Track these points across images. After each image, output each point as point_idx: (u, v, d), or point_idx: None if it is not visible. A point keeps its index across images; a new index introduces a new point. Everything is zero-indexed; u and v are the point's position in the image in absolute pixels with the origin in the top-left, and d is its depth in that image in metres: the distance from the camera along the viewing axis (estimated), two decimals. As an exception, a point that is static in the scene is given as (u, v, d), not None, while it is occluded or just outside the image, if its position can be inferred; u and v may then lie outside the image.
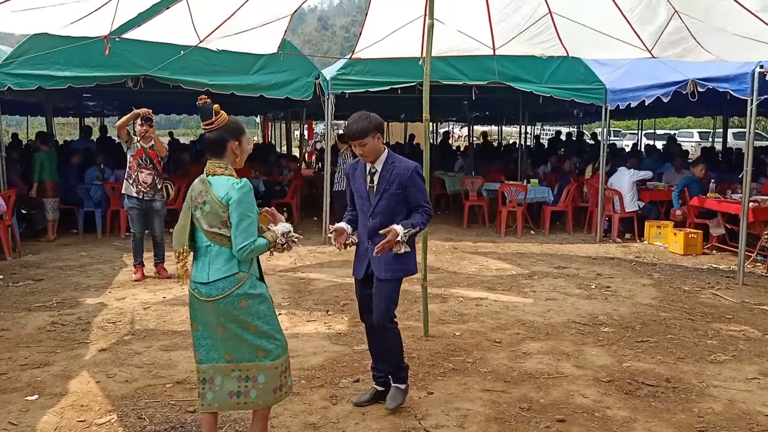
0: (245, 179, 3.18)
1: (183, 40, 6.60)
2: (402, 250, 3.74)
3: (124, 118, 7.44)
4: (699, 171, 9.98)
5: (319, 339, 5.44)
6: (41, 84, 8.60)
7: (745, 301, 6.76)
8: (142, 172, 7.31)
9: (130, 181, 7.33)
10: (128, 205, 7.41)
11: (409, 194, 3.93)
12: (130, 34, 6.20)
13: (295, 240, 3.33)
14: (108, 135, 17.95)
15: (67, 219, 10.38)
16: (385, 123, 29.43)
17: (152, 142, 7.42)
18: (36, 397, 4.23)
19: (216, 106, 3.23)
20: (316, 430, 3.81)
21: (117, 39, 6.12)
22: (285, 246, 3.27)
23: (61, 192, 9.94)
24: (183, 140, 22.17)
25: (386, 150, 3.98)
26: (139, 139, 7.37)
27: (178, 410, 4.05)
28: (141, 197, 7.31)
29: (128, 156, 7.37)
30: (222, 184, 3.14)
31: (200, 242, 3.21)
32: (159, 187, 7.44)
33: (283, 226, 3.29)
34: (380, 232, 3.74)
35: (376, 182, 3.96)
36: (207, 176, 3.20)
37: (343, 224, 4.03)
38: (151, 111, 7.43)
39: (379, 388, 4.14)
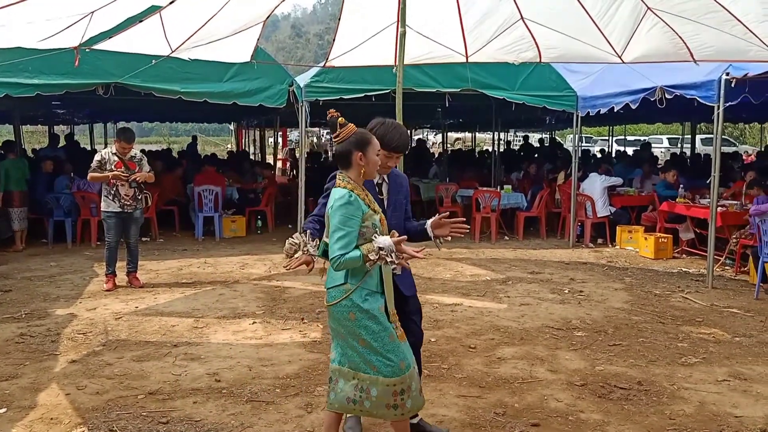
0: (346, 191, 3.12)
1: (155, 50, 6.55)
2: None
3: (99, 176, 7.21)
4: (671, 176, 10.13)
5: (294, 347, 5.41)
6: (8, 92, 8.44)
7: (715, 304, 6.88)
8: (123, 185, 7.20)
9: (111, 198, 7.21)
10: (106, 215, 7.30)
11: (407, 204, 3.88)
12: (101, 45, 6.13)
13: (388, 259, 3.09)
14: (75, 141, 17.74)
15: (37, 229, 10.21)
16: (360, 130, 29.60)
17: (130, 154, 7.31)
18: (4, 410, 4.14)
19: (341, 119, 3.21)
20: (291, 439, 3.79)
21: (87, 50, 6.05)
22: (380, 261, 3.11)
23: (28, 201, 9.78)
24: (155, 148, 21.97)
25: None
26: (115, 151, 7.25)
27: (151, 422, 3.99)
28: (124, 210, 7.22)
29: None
30: (333, 196, 3.17)
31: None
32: (140, 197, 7.36)
33: (383, 241, 3.15)
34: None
35: (385, 193, 3.77)
36: (333, 188, 3.24)
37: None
38: (127, 176, 7.24)
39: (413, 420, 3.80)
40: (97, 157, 7.31)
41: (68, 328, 5.86)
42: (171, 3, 5.44)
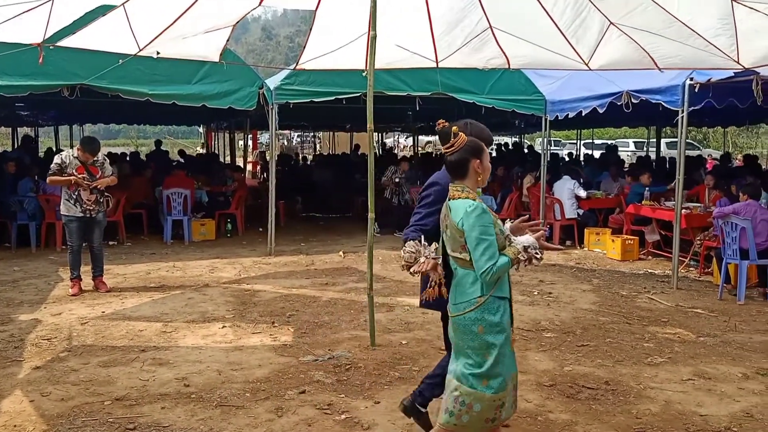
0: (477, 202, 3.05)
1: (121, 48, 6.43)
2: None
3: (59, 180, 7.07)
4: (646, 179, 10.30)
5: (265, 351, 5.37)
6: (-32, 94, 8.26)
7: (680, 305, 7.01)
8: (85, 190, 7.07)
9: (72, 202, 7.07)
10: (68, 219, 7.16)
11: None
12: (66, 42, 6.00)
13: (538, 255, 3.08)
14: (33, 143, 17.33)
15: (-1, 232, 10.00)
16: (331, 133, 29.63)
17: (94, 159, 7.18)
18: (-35, 419, 4.04)
19: (455, 128, 3.13)
20: (261, 443, 3.76)
21: (51, 47, 5.92)
22: (527, 262, 3.08)
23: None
24: (123, 150, 21.64)
25: None
26: (76, 155, 7.12)
27: (117, 428, 3.93)
28: (86, 214, 7.10)
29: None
30: (459, 208, 3.06)
31: (451, 264, 3.15)
32: (101, 200, 7.24)
33: (525, 239, 3.11)
34: None
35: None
36: (449, 200, 3.14)
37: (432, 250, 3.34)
38: (89, 183, 7.11)
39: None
40: (57, 160, 7.14)
41: (32, 334, 5.74)
42: (125, 1, 5.36)
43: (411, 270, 3.20)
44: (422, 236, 3.30)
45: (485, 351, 3.02)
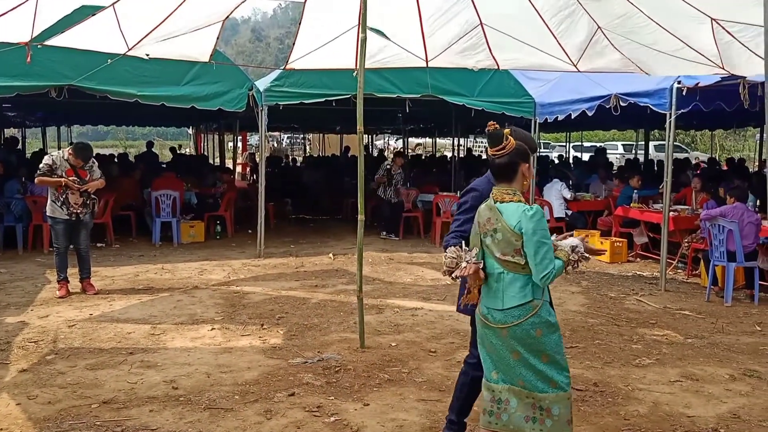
0: (536, 206, 3.05)
1: (110, 47, 6.40)
2: None
3: (48, 181, 7.02)
4: (636, 182, 10.36)
5: (254, 353, 5.35)
6: (-45, 94, 8.19)
7: (667, 307, 7.05)
8: (73, 193, 7.03)
9: (59, 204, 7.02)
10: (54, 221, 7.11)
11: None
12: (53, 41, 5.96)
13: (586, 255, 3.13)
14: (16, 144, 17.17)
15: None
16: (321, 134, 29.61)
17: (83, 164, 7.13)
18: (-50, 422, 4.00)
19: (506, 130, 3.10)
20: (250, 446, 3.75)
21: (39, 46, 5.88)
22: (575, 264, 3.10)
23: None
24: (111, 152, 21.51)
25: None
26: (66, 158, 7.08)
27: (105, 431, 3.90)
28: (71, 217, 7.05)
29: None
30: (513, 212, 3.02)
31: (491, 269, 3.09)
32: (89, 203, 7.20)
33: (570, 241, 3.13)
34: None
35: None
36: (495, 203, 3.08)
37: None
38: (79, 186, 7.07)
39: None
40: (47, 161, 7.09)
41: (19, 337, 5.69)
42: (113, 4, 5.33)
43: (453, 275, 3.17)
44: (463, 242, 3.30)
45: (544, 353, 3.03)
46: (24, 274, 8.26)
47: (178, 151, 18.54)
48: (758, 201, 8.82)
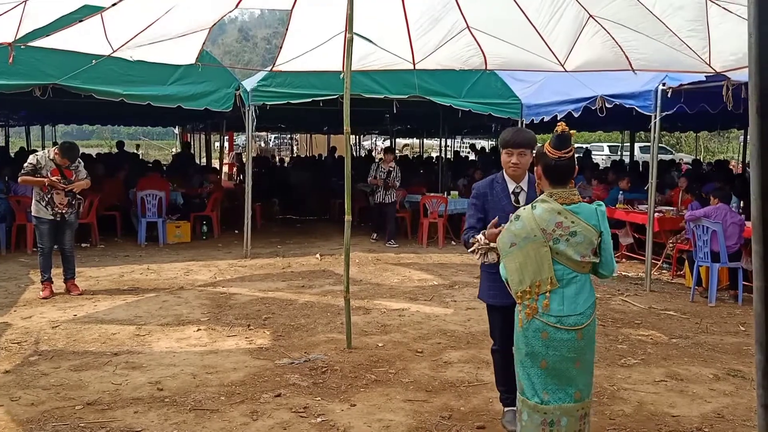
0: (602, 201, 3.13)
1: (95, 49, 6.35)
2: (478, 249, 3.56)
3: (32, 180, 6.94)
4: (625, 184, 10.43)
5: (240, 354, 5.33)
6: (-62, 92, 8.08)
7: (652, 307, 7.10)
8: (59, 193, 6.96)
9: (43, 204, 6.95)
10: (38, 221, 7.04)
11: None
12: (38, 42, 5.91)
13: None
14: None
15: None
16: (308, 135, 29.55)
17: (69, 164, 7.06)
18: (-69, 425, 3.95)
19: (573, 132, 3.11)
20: (236, 447, 3.73)
21: (23, 47, 5.83)
22: None
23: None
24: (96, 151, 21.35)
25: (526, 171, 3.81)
26: (52, 157, 7.01)
27: (89, 433, 3.87)
28: (57, 218, 6.99)
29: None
30: (590, 211, 3.04)
31: (562, 275, 3.05)
32: (74, 203, 7.14)
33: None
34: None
35: (522, 202, 3.76)
36: (566, 206, 3.05)
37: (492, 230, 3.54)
38: (64, 186, 7.00)
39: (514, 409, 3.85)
40: (31, 160, 7.02)
41: (2, 338, 5.63)
42: (114, 4, 5.30)
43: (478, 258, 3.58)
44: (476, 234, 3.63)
45: (593, 353, 3.13)
46: (7, 274, 8.17)
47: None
48: (741, 202, 8.90)
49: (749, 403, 4.48)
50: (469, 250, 3.64)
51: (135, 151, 19.08)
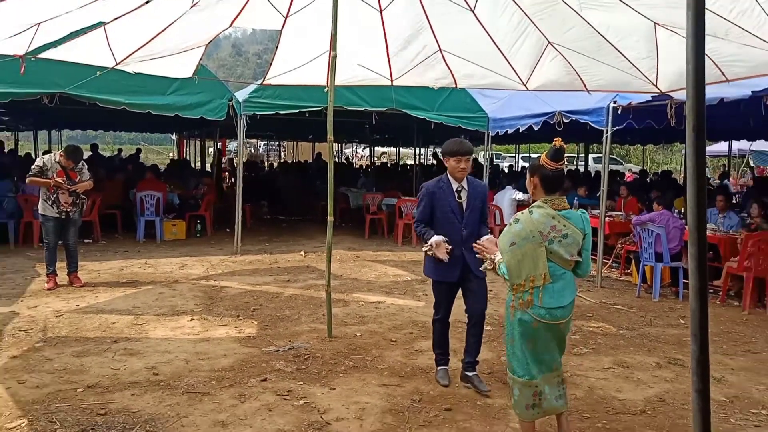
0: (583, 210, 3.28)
1: (100, 62, 6.28)
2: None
3: (39, 181, 6.83)
4: (582, 192, 10.53)
5: (230, 342, 5.30)
6: (-48, 100, 7.92)
7: (603, 302, 7.19)
8: (63, 193, 6.86)
9: (50, 203, 6.85)
10: (45, 219, 6.93)
11: (483, 208, 4.33)
12: (47, 55, 5.84)
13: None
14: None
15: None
16: (294, 142, 29.41)
17: (73, 166, 6.96)
18: (-59, 406, 3.87)
19: (566, 146, 3.26)
20: (224, 427, 3.71)
21: (33, 58, 5.75)
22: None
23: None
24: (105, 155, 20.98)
25: None
26: (58, 160, 6.90)
27: (89, 413, 3.82)
28: (62, 216, 6.88)
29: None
30: (577, 216, 3.21)
31: (554, 271, 3.18)
32: (78, 202, 7.04)
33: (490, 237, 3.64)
34: (483, 240, 3.63)
35: (464, 198, 4.25)
36: (558, 211, 3.17)
37: (440, 237, 4.18)
38: (69, 186, 6.90)
39: (470, 374, 4.38)
40: (38, 163, 6.92)
41: (9, 325, 5.54)
42: (115, 19, 5.25)
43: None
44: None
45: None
46: (15, 267, 8.03)
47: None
48: (683, 208, 9.04)
49: (688, 389, 4.56)
50: (423, 249, 4.27)
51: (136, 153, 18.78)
